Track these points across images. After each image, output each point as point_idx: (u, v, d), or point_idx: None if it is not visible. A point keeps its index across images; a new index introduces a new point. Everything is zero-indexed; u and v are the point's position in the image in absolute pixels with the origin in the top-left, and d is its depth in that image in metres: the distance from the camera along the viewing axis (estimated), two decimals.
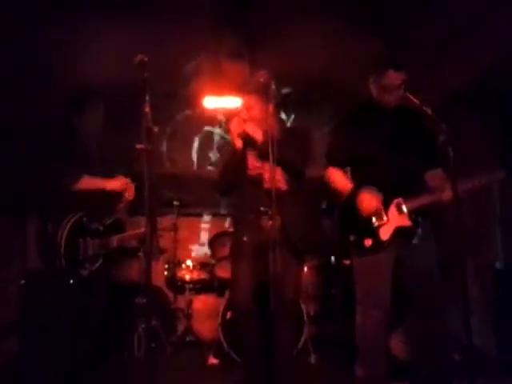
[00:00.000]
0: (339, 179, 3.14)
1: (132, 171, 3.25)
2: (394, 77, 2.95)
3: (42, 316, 3.43)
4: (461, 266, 2.66)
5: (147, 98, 2.30)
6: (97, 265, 3.15)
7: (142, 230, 3.17)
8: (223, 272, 4.40)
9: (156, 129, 2.24)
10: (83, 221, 3.15)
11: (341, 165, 3.17)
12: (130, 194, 3.29)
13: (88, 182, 3.16)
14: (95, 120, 3.26)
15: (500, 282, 4.02)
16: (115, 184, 3.23)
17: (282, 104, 4.90)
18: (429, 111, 2.65)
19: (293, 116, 5.27)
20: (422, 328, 3.07)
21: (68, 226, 3.06)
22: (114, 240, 3.23)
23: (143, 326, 3.96)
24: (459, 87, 4.07)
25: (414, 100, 2.76)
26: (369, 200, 2.96)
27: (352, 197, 3.01)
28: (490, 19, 3.52)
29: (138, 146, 2.20)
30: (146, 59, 2.31)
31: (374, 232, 2.95)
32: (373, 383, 2.99)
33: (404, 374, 3.23)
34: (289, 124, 5.16)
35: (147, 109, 2.24)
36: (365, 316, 3.03)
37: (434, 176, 3.01)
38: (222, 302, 4.03)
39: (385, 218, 2.95)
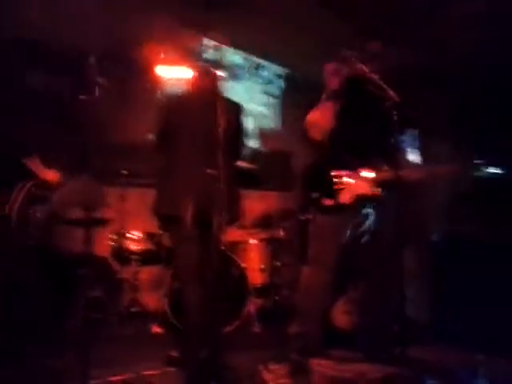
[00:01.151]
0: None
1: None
2: (328, 68, 3.13)
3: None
4: (398, 237, 2.75)
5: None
6: (44, 230, 3.20)
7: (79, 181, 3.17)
8: (170, 242, 4.36)
9: (102, 81, 2.18)
10: (32, 190, 3.16)
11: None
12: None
13: (33, 164, 3.17)
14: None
15: (435, 254, 4.16)
16: (50, 175, 3.27)
17: None
18: (375, 77, 2.72)
19: None
20: (368, 300, 3.17)
21: (21, 195, 3.04)
22: (55, 200, 3.31)
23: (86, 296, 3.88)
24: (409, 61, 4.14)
25: (363, 68, 2.83)
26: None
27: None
28: None
29: (81, 97, 2.13)
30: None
31: (335, 194, 3.09)
32: (305, 340, 3.06)
33: (342, 342, 3.31)
34: None
35: (92, 60, 2.17)
36: (311, 275, 3.12)
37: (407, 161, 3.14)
38: (169, 272, 4.01)
39: (348, 183, 3.09)
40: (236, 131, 3.22)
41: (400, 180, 2.96)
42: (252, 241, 4.56)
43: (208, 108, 2.85)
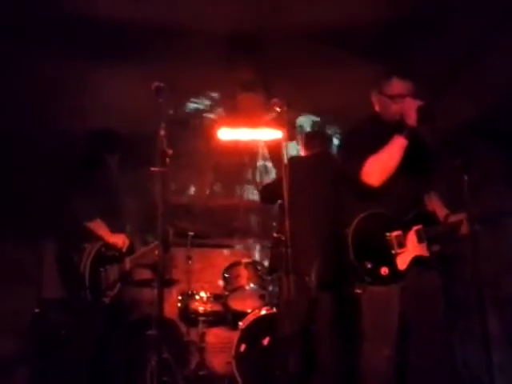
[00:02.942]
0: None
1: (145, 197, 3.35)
2: (398, 85, 2.79)
3: (54, 346, 3.43)
4: (478, 299, 2.57)
5: (163, 122, 2.34)
6: (116, 290, 3.31)
7: (151, 246, 3.33)
8: (236, 304, 4.34)
9: (170, 151, 2.27)
10: (102, 250, 3.31)
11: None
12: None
13: (97, 227, 3.34)
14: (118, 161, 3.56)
15: None
16: (117, 240, 3.45)
17: None
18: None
19: None
20: (423, 363, 2.92)
21: (91, 257, 3.20)
22: (127, 262, 3.41)
23: (155, 358, 3.89)
24: (471, 116, 4.08)
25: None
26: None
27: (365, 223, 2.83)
28: (500, 45, 3.56)
29: (153, 169, 2.22)
30: (162, 85, 2.37)
31: (391, 260, 2.77)
32: None
33: None
34: None
35: (162, 132, 2.28)
36: (374, 354, 2.80)
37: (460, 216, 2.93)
38: (236, 334, 3.97)
39: (404, 246, 2.78)
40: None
41: (456, 230, 2.78)
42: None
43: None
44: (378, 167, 2.74)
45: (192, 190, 5.11)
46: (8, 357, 3.68)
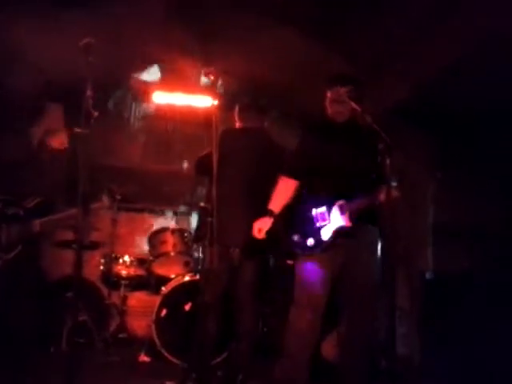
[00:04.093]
0: (280, 193, 3.24)
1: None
2: (338, 91, 3.10)
3: None
4: (390, 274, 2.75)
5: (90, 82, 2.26)
6: (13, 253, 3.01)
7: (68, 213, 3.12)
8: (160, 269, 4.35)
9: (96, 113, 2.20)
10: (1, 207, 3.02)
11: (297, 175, 3.26)
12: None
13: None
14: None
15: (429, 292, 4.17)
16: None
17: None
18: (369, 119, 2.76)
19: None
20: (355, 334, 3.16)
21: None
22: (37, 224, 3.08)
23: (73, 320, 3.84)
24: (399, 102, 4.22)
25: (356, 107, 2.88)
26: (258, 229, 3.17)
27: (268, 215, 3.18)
28: (427, 33, 3.67)
29: (76, 130, 2.15)
30: (92, 41, 2.27)
31: (316, 233, 3.08)
32: None
33: (331, 376, 3.29)
34: None
35: (89, 92, 2.20)
36: (298, 317, 3.10)
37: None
38: (158, 299, 3.98)
39: (327, 219, 3.08)
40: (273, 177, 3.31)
41: (375, 204, 3.03)
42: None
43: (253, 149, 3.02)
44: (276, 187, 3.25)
45: (123, 152, 4.98)
46: None
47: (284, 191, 3.23)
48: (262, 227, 3.17)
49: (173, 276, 4.21)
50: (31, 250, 3.09)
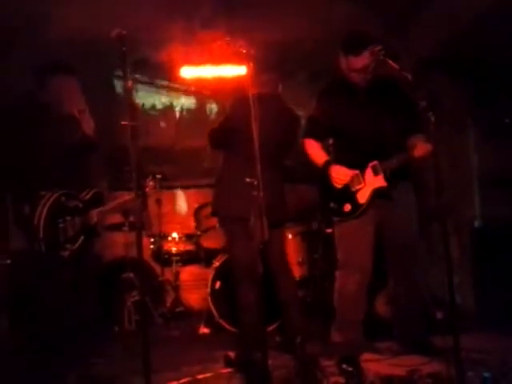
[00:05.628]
0: (315, 151, 3.24)
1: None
2: (354, 62, 3.01)
3: (29, 296, 3.42)
4: (441, 225, 2.74)
5: (128, 72, 2.26)
6: (78, 243, 3.12)
7: (120, 200, 3.22)
8: (209, 242, 4.44)
9: (139, 104, 2.22)
10: (61, 201, 3.09)
11: (320, 137, 3.25)
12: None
13: None
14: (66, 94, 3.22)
15: (478, 241, 4.15)
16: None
17: None
18: (409, 77, 2.70)
19: None
20: (403, 288, 3.19)
21: (45, 209, 3.00)
22: (94, 215, 3.19)
23: (132, 300, 4.01)
24: (432, 52, 4.09)
25: (395, 66, 2.80)
26: (338, 175, 3.10)
27: (326, 169, 3.14)
28: None
29: (123, 123, 2.17)
30: (124, 33, 2.26)
31: (352, 197, 3.09)
32: (349, 348, 3.09)
33: (388, 333, 3.34)
34: None
35: (130, 84, 2.21)
36: (345, 280, 3.15)
37: (415, 141, 3.08)
38: (210, 272, 4.09)
39: (362, 182, 3.07)
40: (290, 143, 3.34)
41: (412, 160, 2.99)
42: (287, 235, 4.59)
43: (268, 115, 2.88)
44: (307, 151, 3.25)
45: (157, 132, 5.01)
46: None
47: (316, 150, 3.22)
48: (341, 172, 3.11)
49: (221, 248, 4.30)
50: (91, 240, 3.22)
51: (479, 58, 3.97)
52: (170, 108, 5.12)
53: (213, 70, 4.72)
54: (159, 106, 5.02)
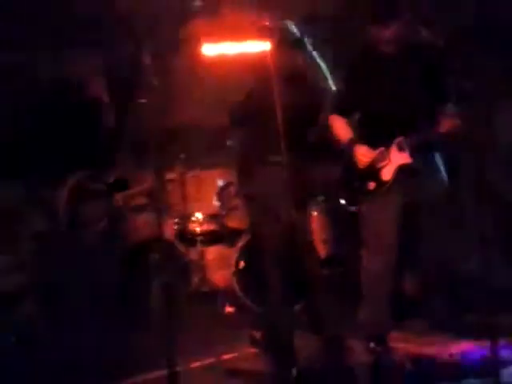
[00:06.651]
0: (340, 128, 3.14)
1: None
2: (383, 33, 2.87)
3: (54, 278, 3.44)
4: (479, 210, 2.63)
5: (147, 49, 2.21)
6: (101, 225, 3.13)
7: (146, 185, 3.18)
8: (233, 222, 4.41)
9: (156, 81, 2.17)
10: (83, 183, 3.10)
11: (346, 112, 3.17)
12: None
13: None
14: None
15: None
16: None
17: None
18: (441, 43, 2.57)
19: None
20: (430, 264, 3.12)
21: (66, 191, 3.00)
22: (119, 199, 3.20)
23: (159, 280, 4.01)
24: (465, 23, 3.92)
25: (426, 34, 2.69)
26: (362, 155, 2.99)
27: (350, 148, 3.04)
28: None
29: (142, 101, 2.12)
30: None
31: (376, 174, 3.00)
32: (377, 327, 3.04)
33: (418, 310, 3.28)
34: None
35: (148, 61, 2.15)
36: (371, 259, 3.07)
37: (443, 115, 2.96)
38: (234, 251, 4.06)
39: (386, 159, 2.97)
40: (314, 118, 3.24)
41: (438, 136, 2.88)
42: (313, 212, 4.52)
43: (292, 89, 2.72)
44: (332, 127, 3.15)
45: (178, 111, 4.95)
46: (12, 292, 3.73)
47: (341, 126, 3.13)
48: (364, 153, 3.00)
49: (246, 227, 4.26)
50: (116, 223, 3.20)
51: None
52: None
53: (235, 47, 4.62)
54: None
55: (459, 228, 3.90)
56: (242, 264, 3.94)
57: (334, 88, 3.73)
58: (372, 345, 2.95)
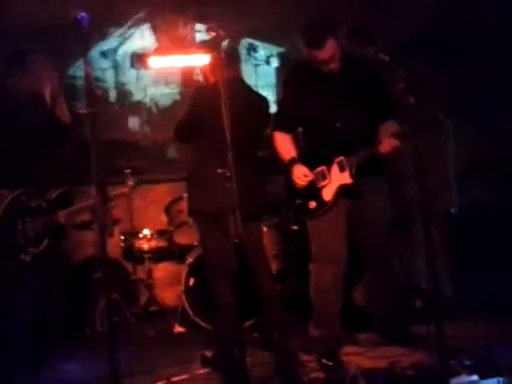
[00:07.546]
0: (282, 145, 3.11)
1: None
2: (317, 55, 2.85)
3: None
4: (423, 214, 2.66)
5: (88, 57, 2.11)
6: (42, 246, 2.88)
7: (91, 201, 2.99)
8: (182, 238, 4.30)
9: (100, 91, 2.07)
10: (21, 200, 2.85)
11: (289, 129, 3.13)
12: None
13: None
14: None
15: (454, 228, 4.12)
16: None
17: None
18: (386, 58, 2.60)
19: None
20: (379, 280, 3.14)
21: (3, 206, 2.77)
22: (61, 216, 2.94)
23: (103, 300, 3.84)
24: (408, 35, 4.03)
25: (369, 50, 2.72)
26: (298, 178, 2.97)
27: (289, 167, 3.01)
28: None
29: (81, 111, 2.01)
30: (84, 15, 2.09)
31: (317, 194, 2.97)
32: (328, 343, 3.02)
33: (369, 324, 3.28)
34: None
35: (89, 69, 2.05)
36: (320, 273, 3.05)
37: (387, 128, 2.98)
38: (183, 268, 3.96)
39: (327, 179, 2.95)
40: (261, 127, 3.21)
41: (380, 154, 2.89)
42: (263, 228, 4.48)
43: (235, 101, 2.61)
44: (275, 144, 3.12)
45: (125, 125, 4.83)
46: None
47: (284, 144, 3.09)
48: (301, 173, 2.96)
49: (195, 244, 4.17)
50: (57, 242, 3.00)
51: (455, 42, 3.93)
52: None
53: (181, 60, 4.58)
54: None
55: (410, 241, 3.99)
56: (191, 281, 3.84)
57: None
58: (324, 360, 2.91)
